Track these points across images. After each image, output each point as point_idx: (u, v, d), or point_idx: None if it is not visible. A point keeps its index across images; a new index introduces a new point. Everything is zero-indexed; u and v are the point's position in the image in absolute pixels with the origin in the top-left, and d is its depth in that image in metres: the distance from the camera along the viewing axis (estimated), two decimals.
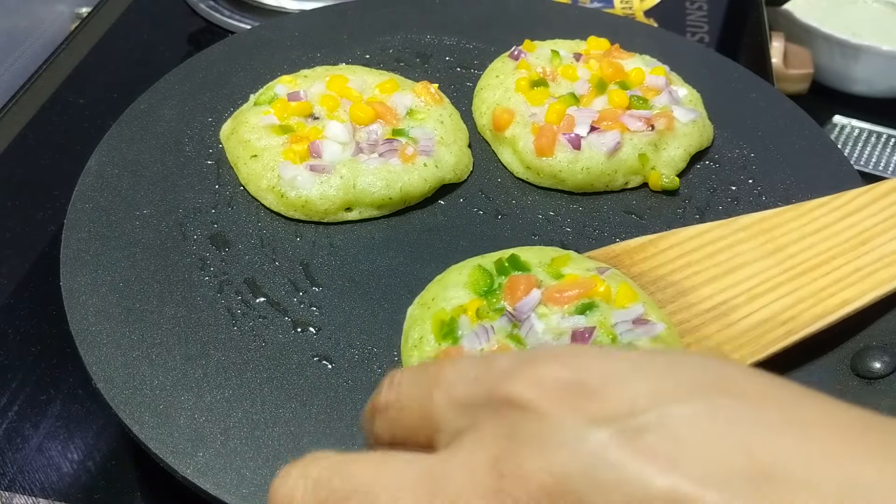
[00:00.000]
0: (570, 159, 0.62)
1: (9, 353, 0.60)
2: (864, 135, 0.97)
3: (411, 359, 0.49)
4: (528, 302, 0.49)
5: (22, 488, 0.53)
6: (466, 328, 0.48)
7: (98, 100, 0.83)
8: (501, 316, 0.49)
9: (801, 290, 0.53)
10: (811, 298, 0.53)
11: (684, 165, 0.65)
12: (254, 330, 0.53)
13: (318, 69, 0.69)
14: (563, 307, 0.49)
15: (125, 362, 0.50)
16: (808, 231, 0.56)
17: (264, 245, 0.58)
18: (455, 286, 0.51)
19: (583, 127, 0.63)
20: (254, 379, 0.50)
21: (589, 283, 0.49)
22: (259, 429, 0.47)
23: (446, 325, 0.49)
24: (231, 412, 0.48)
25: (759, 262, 0.55)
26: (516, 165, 0.65)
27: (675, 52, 0.76)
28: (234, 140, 0.63)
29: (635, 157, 0.63)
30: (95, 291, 0.53)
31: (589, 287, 0.49)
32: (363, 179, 0.60)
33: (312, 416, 0.48)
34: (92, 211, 0.58)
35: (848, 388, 0.50)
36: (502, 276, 0.51)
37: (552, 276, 0.51)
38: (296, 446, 0.47)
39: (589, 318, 0.48)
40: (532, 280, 0.50)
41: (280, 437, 0.47)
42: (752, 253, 0.55)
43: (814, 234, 0.56)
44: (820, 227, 0.57)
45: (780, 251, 0.55)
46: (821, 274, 0.54)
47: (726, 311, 0.52)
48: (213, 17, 0.95)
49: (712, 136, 0.68)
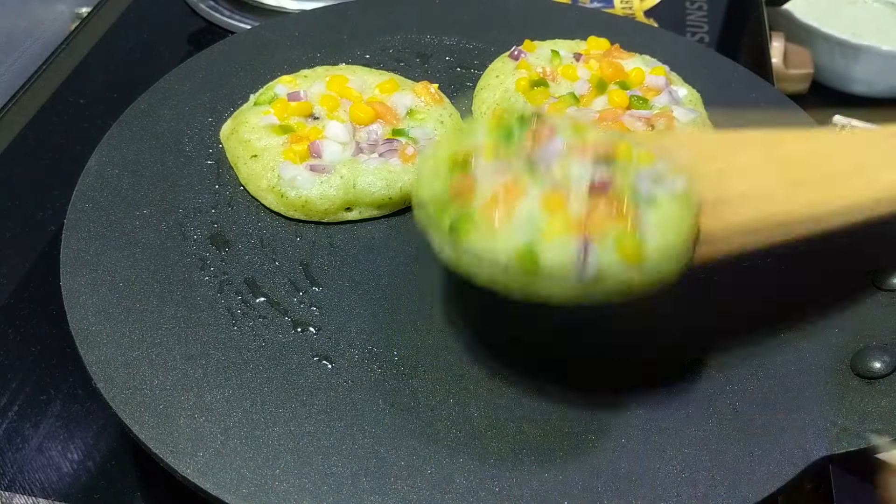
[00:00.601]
0: None
1: (9, 353, 0.60)
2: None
3: (420, 197, 0.46)
4: (552, 146, 0.45)
5: (22, 488, 0.53)
6: (482, 163, 0.45)
7: (98, 100, 0.83)
8: (521, 157, 0.45)
9: (796, 199, 0.52)
10: (806, 207, 0.52)
11: None
12: (254, 330, 0.53)
13: (318, 69, 0.69)
14: (586, 156, 0.45)
15: (125, 362, 0.50)
16: (815, 149, 0.55)
17: (264, 245, 0.58)
18: (473, 133, 0.48)
19: None
20: (254, 379, 0.50)
21: (613, 142, 0.47)
22: (259, 429, 0.47)
23: (461, 160, 0.45)
24: (231, 412, 0.48)
25: (761, 168, 0.53)
26: None
27: (675, 52, 0.76)
28: (234, 140, 0.63)
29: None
30: (95, 291, 0.53)
31: (612, 145, 0.46)
32: (363, 179, 0.60)
33: (312, 416, 0.48)
34: (92, 211, 0.58)
35: (848, 388, 0.50)
36: (526, 127, 0.47)
37: (575, 135, 0.47)
38: (296, 446, 0.47)
39: (609, 168, 0.45)
40: (555, 129, 0.46)
41: (280, 437, 0.47)
42: (755, 160, 0.53)
43: (819, 153, 0.55)
44: (826, 147, 0.55)
45: (784, 163, 0.53)
46: (819, 188, 0.53)
47: (721, 205, 0.50)
48: (213, 17, 0.95)
49: None
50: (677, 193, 0.45)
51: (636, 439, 0.48)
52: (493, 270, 0.44)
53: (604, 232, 0.43)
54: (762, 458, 0.47)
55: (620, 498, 0.46)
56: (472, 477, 0.46)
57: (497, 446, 0.48)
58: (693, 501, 0.46)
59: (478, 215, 0.43)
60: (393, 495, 0.45)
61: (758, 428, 0.49)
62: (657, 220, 0.44)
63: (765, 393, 0.51)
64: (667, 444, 0.48)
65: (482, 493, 0.46)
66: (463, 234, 0.44)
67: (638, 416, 0.49)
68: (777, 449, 0.48)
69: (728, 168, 0.53)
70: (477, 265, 0.44)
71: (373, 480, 0.46)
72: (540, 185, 0.44)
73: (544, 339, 0.53)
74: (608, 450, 0.48)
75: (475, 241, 0.44)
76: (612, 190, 0.44)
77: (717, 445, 0.48)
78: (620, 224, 0.43)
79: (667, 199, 0.45)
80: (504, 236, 0.43)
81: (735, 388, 0.51)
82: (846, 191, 0.53)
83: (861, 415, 0.49)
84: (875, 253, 0.59)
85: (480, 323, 0.54)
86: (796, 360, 0.53)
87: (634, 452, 0.48)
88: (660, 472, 0.47)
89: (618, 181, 0.45)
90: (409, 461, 0.47)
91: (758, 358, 0.53)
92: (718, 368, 0.52)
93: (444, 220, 0.45)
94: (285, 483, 0.45)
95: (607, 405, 0.50)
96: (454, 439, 0.48)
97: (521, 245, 0.43)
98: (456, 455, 0.47)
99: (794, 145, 0.55)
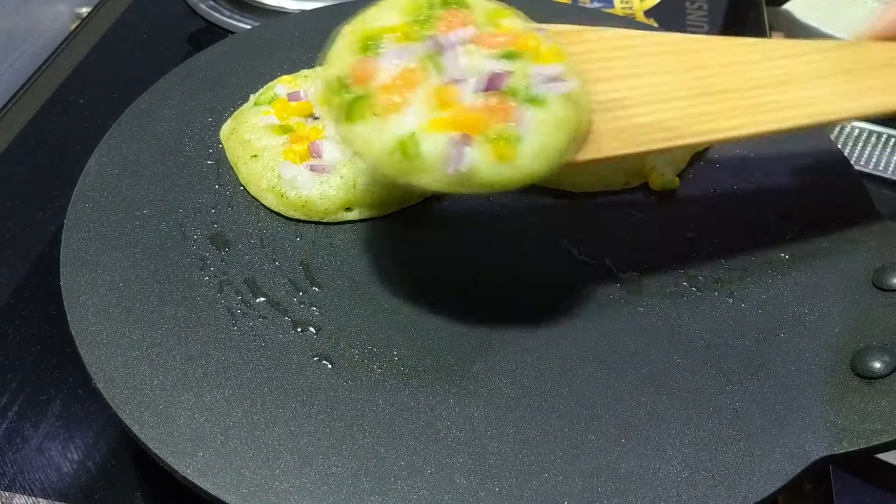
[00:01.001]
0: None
1: (9, 353, 0.61)
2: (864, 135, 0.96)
3: (326, 73, 0.48)
4: (460, 34, 0.47)
5: (22, 488, 0.53)
6: (389, 46, 0.47)
7: (98, 100, 0.83)
8: (428, 42, 0.47)
9: (699, 107, 0.53)
10: (706, 116, 0.52)
11: (684, 165, 0.65)
12: (254, 330, 0.53)
13: (319, 69, 0.69)
14: (491, 50, 0.48)
15: (125, 362, 0.50)
16: (731, 60, 0.56)
17: (264, 245, 0.58)
18: (389, 9, 0.50)
19: None
20: (254, 379, 0.50)
21: (522, 36, 0.49)
22: (259, 429, 0.47)
23: (369, 41, 0.47)
24: (231, 412, 0.48)
25: (671, 74, 0.54)
26: None
27: None
28: (234, 140, 0.63)
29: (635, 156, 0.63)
30: (95, 291, 0.53)
31: (520, 39, 0.49)
32: (363, 179, 0.60)
33: (312, 416, 0.48)
34: (92, 211, 0.58)
35: (848, 388, 0.50)
36: (441, 10, 0.49)
37: (490, 22, 0.50)
38: (296, 446, 0.47)
39: (511, 64, 0.47)
40: (470, 17, 0.49)
41: (280, 437, 0.47)
42: (667, 65, 0.54)
43: (735, 64, 0.55)
44: (745, 60, 0.56)
45: (696, 70, 0.54)
46: (726, 98, 0.53)
47: (619, 107, 0.52)
48: (213, 17, 0.95)
49: None
50: (568, 94, 0.47)
51: (636, 439, 0.48)
52: (377, 156, 0.46)
53: (484, 130, 0.45)
54: (762, 458, 0.47)
55: (620, 498, 0.46)
56: (472, 477, 0.46)
57: (497, 446, 0.48)
58: (693, 501, 0.46)
59: (372, 100, 0.45)
60: (393, 495, 0.45)
61: (758, 428, 0.49)
62: (539, 122, 0.46)
63: (765, 393, 0.51)
64: (667, 444, 0.48)
65: (482, 493, 0.46)
66: (356, 116, 0.45)
67: (638, 416, 0.49)
68: (777, 449, 0.48)
69: (637, 68, 0.54)
70: (364, 149, 0.46)
71: (373, 480, 0.46)
72: (438, 76, 0.46)
73: (544, 339, 0.53)
74: (608, 450, 0.48)
75: (365, 124, 0.45)
76: (506, 87, 0.46)
77: (717, 445, 0.48)
78: (502, 123, 0.45)
79: (555, 101, 0.47)
80: (391, 124, 0.45)
81: (735, 388, 0.51)
82: (752, 105, 0.54)
83: (861, 415, 0.49)
84: (875, 253, 0.59)
85: (480, 322, 0.54)
86: (796, 360, 0.53)
87: (634, 452, 0.48)
88: (660, 472, 0.47)
89: (514, 79, 0.47)
90: (409, 461, 0.47)
91: (758, 358, 0.53)
92: (718, 368, 0.52)
93: (341, 100, 0.46)
94: (285, 483, 0.45)
95: (607, 405, 0.50)
96: (454, 439, 0.48)
97: (405, 134, 0.45)
98: (456, 455, 0.47)
99: (709, 54, 0.56)
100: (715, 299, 0.56)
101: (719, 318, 0.55)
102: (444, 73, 0.46)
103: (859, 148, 0.96)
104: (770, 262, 0.59)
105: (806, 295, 0.57)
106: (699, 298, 0.57)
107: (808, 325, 0.55)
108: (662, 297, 0.56)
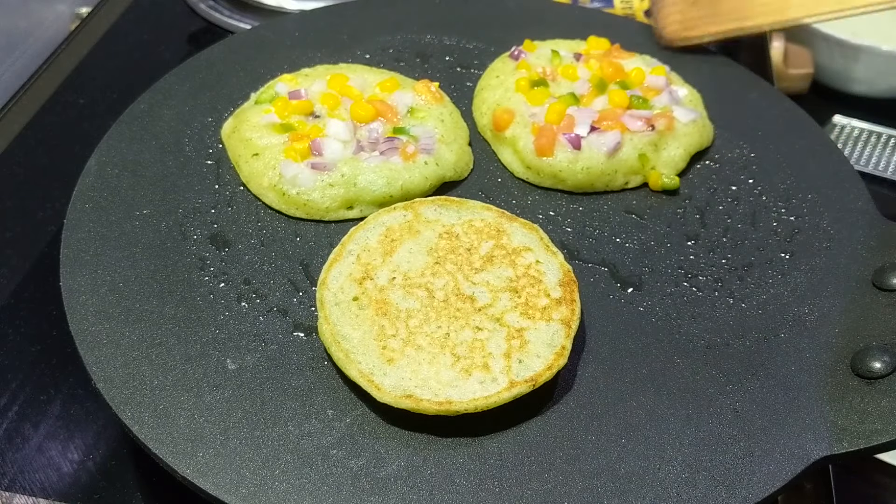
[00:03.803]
0: (570, 159, 0.62)
1: (9, 353, 0.60)
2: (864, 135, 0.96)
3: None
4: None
5: (22, 488, 0.53)
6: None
7: (98, 100, 0.83)
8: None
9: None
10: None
11: (684, 165, 0.65)
12: (254, 330, 0.53)
13: (319, 68, 0.69)
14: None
15: (125, 362, 0.50)
16: None
17: (264, 245, 0.58)
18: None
19: (583, 127, 0.63)
20: (254, 379, 0.50)
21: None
22: (259, 429, 0.47)
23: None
24: (231, 412, 0.48)
25: None
26: (517, 165, 0.65)
27: (676, 52, 0.76)
28: (235, 138, 0.63)
29: (635, 156, 0.63)
30: (95, 291, 0.53)
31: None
32: (364, 177, 0.60)
33: (312, 416, 0.48)
34: (92, 211, 0.58)
35: (848, 388, 0.50)
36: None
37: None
38: (296, 446, 0.47)
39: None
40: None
41: (280, 437, 0.47)
42: None
43: None
44: None
45: None
46: None
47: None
48: (213, 17, 0.95)
49: (712, 136, 0.68)
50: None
51: (636, 439, 0.48)
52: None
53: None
54: (762, 458, 0.47)
55: (620, 498, 0.46)
56: (472, 477, 0.46)
57: (497, 446, 0.48)
58: (693, 501, 0.46)
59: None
60: (393, 495, 0.45)
61: (758, 428, 0.49)
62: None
63: (765, 393, 0.51)
64: (667, 444, 0.48)
65: (482, 493, 0.46)
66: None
67: (638, 417, 0.49)
68: (777, 449, 0.48)
69: None
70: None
71: (373, 480, 0.46)
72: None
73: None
74: (608, 450, 0.48)
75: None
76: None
77: (717, 445, 0.48)
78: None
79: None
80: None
81: (735, 388, 0.51)
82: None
83: (861, 415, 0.49)
84: (875, 253, 0.59)
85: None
86: (796, 360, 0.53)
87: (634, 452, 0.48)
88: (660, 472, 0.47)
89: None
90: (409, 461, 0.47)
91: (758, 358, 0.53)
92: (718, 368, 0.52)
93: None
94: (285, 483, 0.45)
95: (607, 405, 0.50)
96: (454, 439, 0.48)
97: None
98: (456, 455, 0.47)
99: None
100: (715, 299, 0.56)
101: (719, 318, 0.55)
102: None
103: (859, 148, 0.96)
104: (770, 262, 0.59)
105: (806, 295, 0.57)
106: (699, 298, 0.57)
107: (808, 325, 0.55)
108: (662, 297, 0.56)
